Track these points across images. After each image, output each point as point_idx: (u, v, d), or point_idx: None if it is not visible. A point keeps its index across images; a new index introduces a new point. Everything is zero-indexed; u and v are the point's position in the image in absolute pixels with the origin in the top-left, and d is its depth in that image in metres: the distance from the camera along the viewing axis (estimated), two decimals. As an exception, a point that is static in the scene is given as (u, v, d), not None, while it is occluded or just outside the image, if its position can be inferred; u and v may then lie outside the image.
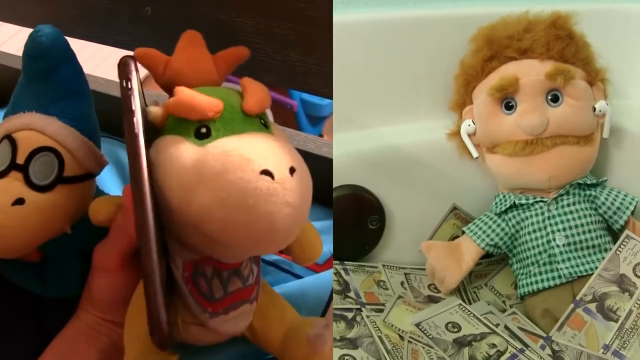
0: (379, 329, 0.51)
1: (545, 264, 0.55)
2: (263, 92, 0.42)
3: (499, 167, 0.58)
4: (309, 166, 0.40)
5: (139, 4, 0.57)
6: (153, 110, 0.41)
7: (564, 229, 0.55)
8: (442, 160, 0.60)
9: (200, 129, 0.39)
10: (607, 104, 0.57)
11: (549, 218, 0.56)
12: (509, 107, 0.57)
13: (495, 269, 0.61)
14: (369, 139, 0.61)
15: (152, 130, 0.41)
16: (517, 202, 0.57)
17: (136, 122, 0.38)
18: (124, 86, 0.40)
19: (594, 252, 0.55)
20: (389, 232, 0.61)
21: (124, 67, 0.41)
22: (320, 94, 0.58)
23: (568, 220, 0.56)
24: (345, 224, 0.58)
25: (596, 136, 0.58)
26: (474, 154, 0.59)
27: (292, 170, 0.38)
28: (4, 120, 0.48)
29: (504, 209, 0.57)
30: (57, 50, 0.47)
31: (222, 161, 0.37)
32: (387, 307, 0.54)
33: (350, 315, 0.53)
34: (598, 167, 0.60)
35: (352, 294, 0.56)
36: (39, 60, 0.47)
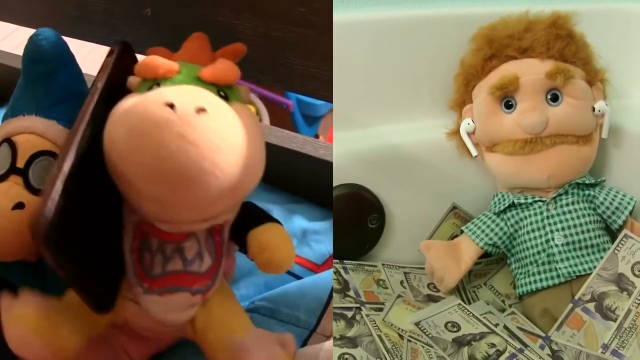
0: (379, 328, 0.51)
1: (544, 264, 0.55)
2: (226, 66, 0.44)
3: (499, 166, 0.58)
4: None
5: (138, 5, 0.57)
6: (131, 78, 0.44)
7: (563, 229, 0.56)
8: (442, 160, 0.61)
9: (153, 86, 0.42)
10: (607, 105, 0.58)
11: (547, 217, 0.56)
12: (509, 106, 0.57)
13: (494, 269, 0.61)
14: (368, 138, 0.61)
15: None
16: (516, 201, 0.57)
17: (102, 77, 0.42)
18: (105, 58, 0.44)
19: (593, 251, 0.55)
20: (388, 231, 0.61)
21: (114, 47, 0.45)
22: (318, 97, 0.58)
23: (567, 220, 0.56)
24: (345, 223, 0.58)
25: (595, 136, 0.58)
26: (473, 152, 0.59)
27: (200, 110, 0.37)
28: (3, 123, 0.48)
29: (502, 208, 0.57)
30: (58, 54, 0.47)
31: (142, 97, 0.39)
32: (386, 306, 0.54)
33: (349, 314, 0.53)
34: (597, 167, 0.60)
35: (351, 293, 0.56)
36: (39, 63, 0.47)
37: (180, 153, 0.36)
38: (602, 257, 0.54)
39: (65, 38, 0.49)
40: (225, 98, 0.42)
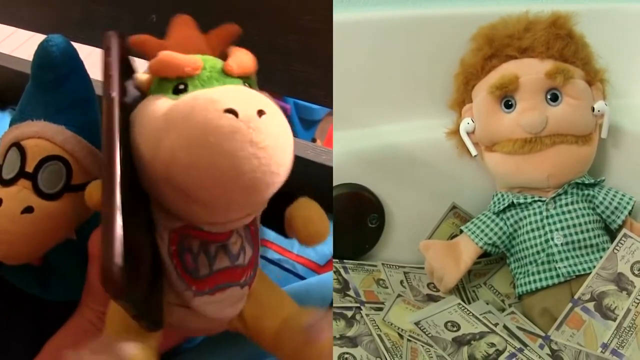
0: (379, 328, 0.51)
1: (543, 263, 0.55)
2: (247, 56, 0.42)
3: (498, 165, 0.58)
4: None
5: (143, 12, 0.57)
6: (139, 76, 0.42)
7: (562, 228, 0.56)
8: (442, 159, 0.61)
9: (179, 85, 0.39)
10: (606, 105, 0.58)
11: (547, 217, 0.56)
12: (509, 106, 0.57)
13: (494, 268, 0.61)
14: (368, 137, 0.61)
15: (140, 98, 0.41)
16: (515, 201, 0.57)
17: (112, 83, 0.39)
18: (103, 56, 0.40)
19: (592, 251, 0.56)
20: (388, 230, 0.61)
21: (105, 39, 0.42)
22: (319, 103, 0.58)
23: (566, 220, 0.56)
24: (345, 222, 0.58)
25: (595, 136, 0.58)
26: (472, 152, 0.59)
27: (260, 113, 0.36)
28: (11, 128, 0.48)
29: (502, 208, 0.57)
30: (67, 60, 0.47)
31: (190, 104, 0.37)
32: (386, 305, 0.54)
33: (349, 313, 0.53)
34: (596, 167, 0.60)
35: (351, 293, 0.56)
36: (48, 69, 0.47)
37: (253, 160, 0.35)
38: (601, 257, 0.54)
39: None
40: (251, 88, 0.41)
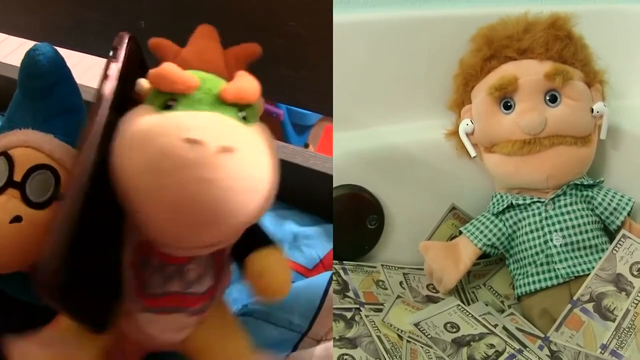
0: (378, 329, 0.51)
1: (542, 264, 0.55)
2: (249, 84, 0.40)
3: (497, 166, 0.58)
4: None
5: (132, 18, 0.57)
6: (141, 81, 0.40)
7: (561, 229, 0.56)
8: (441, 160, 0.61)
9: (169, 101, 0.38)
10: (605, 106, 0.58)
11: (546, 218, 0.56)
12: (508, 107, 0.57)
13: (493, 269, 0.61)
14: (368, 138, 0.61)
15: (136, 104, 0.41)
16: (514, 202, 0.57)
17: (106, 87, 0.38)
18: (109, 55, 0.40)
19: (591, 252, 0.56)
20: (387, 232, 0.61)
21: (117, 39, 0.41)
22: (307, 108, 0.59)
23: (565, 221, 0.56)
24: (344, 223, 0.58)
25: (594, 137, 0.58)
26: (471, 153, 0.59)
27: (225, 149, 0.34)
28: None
29: (501, 209, 0.57)
30: (55, 68, 0.47)
31: (155, 125, 0.35)
32: (386, 306, 0.54)
33: (349, 314, 0.53)
34: (595, 168, 0.60)
35: (351, 294, 0.56)
36: (36, 78, 0.47)
37: (203, 196, 0.34)
38: (600, 258, 0.54)
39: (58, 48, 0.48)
40: (245, 118, 0.39)
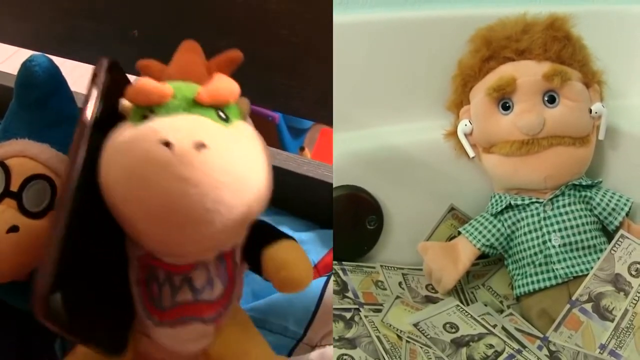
0: (377, 329, 0.51)
1: (541, 265, 0.56)
2: (224, 84, 0.40)
3: (496, 167, 0.58)
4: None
5: (125, 26, 0.58)
6: (122, 101, 0.41)
7: (560, 230, 0.56)
8: (440, 161, 0.61)
9: (147, 114, 0.39)
10: (604, 106, 0.58)
11: (544, 219, 0.56)
12: (506, 108, 0.57)
13: (492, 269, 0.61)
14: (367, 139, 0.61)
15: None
16: (512, 202, 0.57)
17: (88, 110, 0.39)
18: (90, 80, 0.41)
19: (590, 252, 0.56)
20: (386, 232, 0.61)
21: (97, 66, 0.42)
22: (300, 116, 0.59)
23: (564, 221, 0.56)
24: (344, 224, 0.58)
25: (592, 138, 0.58)
26: (470, 153, 0.59)
27: (200, 146, 0.35)
28: None
29: (499, 209, 0.57)
30: (50, 79, 0.47)
31: (133, 134, 0.36)
32: (385, 307, 0.54)
33: (348, 315, 0.53)
34: (594, 168, 0.60)
35: (350, 294, 0.56)
36: (32, 89, 0.47)
37: (182, 195, 0.34)
38: (599, 258, 0.54)
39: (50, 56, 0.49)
40: (226, 118, 0.40)
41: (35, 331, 0.52)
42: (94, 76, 0.41)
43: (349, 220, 0.59)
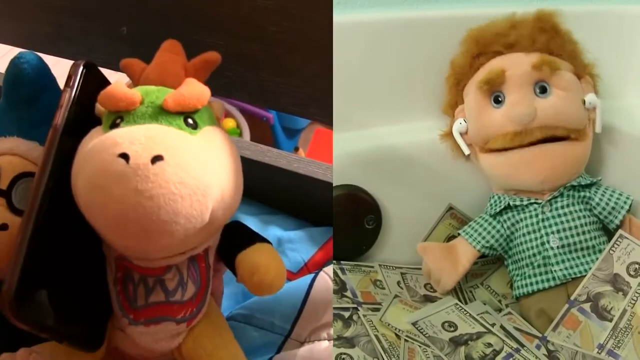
0: (376, 328, 0.51)
1: (539, 266, 0.55)
2: (192, 90, 0.41)
3: (492, 168, 0.58)
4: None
5: (114, 24, 0.58)
6: (98, 105, 0.42)
7: (558, 231, 0.56)
8: (439, 161, 0.61)
9: (116, 120, 0.40)
10: (597, 98, 0.57)
11: (543, 220, 0.56)
12: (498, 101, 0.57)
13: (491, 268, 0.61)
14: (365, 139, 0.61)
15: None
16: (511, 203, 0.57)
17: (59, 115, 0.41)
18: (65, 83, 0.42)
19: (588, 253, 0.55)
20: (385, 231, 0.61)
21: (72, 68, 0.43)
22: (289, 112, 0.59)
23: (562, 222, 0.56)
24: (342, 223, 0.58)
25: (588, 132, 0.57)
26: (465, 151, 0.59)
27: (156, 158, 0.35)
28: None
29: (498, 210, 0.57)
30: (39, 76, 0.47)
31: (96, 145, 0.37)
32: (383, 306, 0.54)
33: (347, 314, 0.53)
34: (592, 170, 0.60)
35: (348, 294, 0.56)
36: (20, 87, 0.47)
37: (137, 207, 0.35)
38: (597, 259, 0.54)
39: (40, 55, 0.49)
40: (194, 124, 0.40)
41: (28, 337, 0.52)
42: (68, 78, 0.42)
43: (348, 219, 0.59)
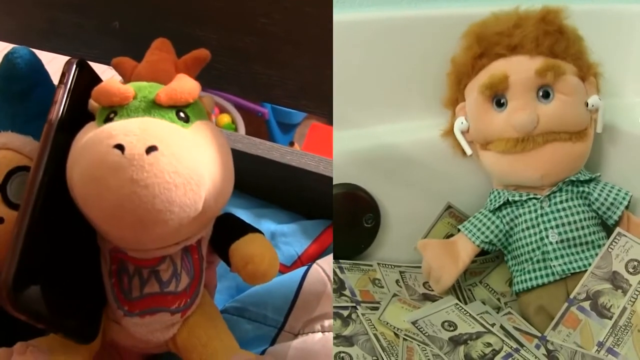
0: (375, 327, 0.51)
1: (538, 261, 0.55)
2: (183, 85, 0.42)
3: (493, 164, 0.58)
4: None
5: (107, 19, 0.58)
6: (91, 102, 0.43)
7: (557, 226, 0.55)
8: (437, 159, 0.61)
9: (110, 114, 0.40)
10: (600, 99, 0.57)
11: (542, 215, 0.56)
12: (500, 105, 0.57)
13: (490, 267, 0.61)
14: (364, 137, 0.60)
15: None
16: (510, 198, 0.57)
17: (53, 111, 0.41)
18: (59, 80, 0.43)
19: (587, 248, 0.55)
20: (384, 230, 0.61)
21: (65, 65, 0.44)
22: (281, 105, 0.60)
23: (561, 217, 0.56)
24: (341, 222, 0.58)
25: (590, 131, 0.57)
26: (467, 151, 0.59)
27: (150, 149, 0.36)
28: None
29: (497, 205, 0.57)
30: (33, 72, 0.48)
31: (91, 138, 0.38)
32: (382, 305, 0.54)
33: (345, 313, 0.53)
34: (592, 168, 0.60)
35: (347, 292, 0.56)
36: (14, 81, 0.47)
37: (133, 197, 0.36)
38: (597, 254, 0.54)
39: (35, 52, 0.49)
40: (186, 118, 0.41)
41: (20, 325, 0.52)
42: (62, 76, 0.43)
43: (347, 218, 0.59)
